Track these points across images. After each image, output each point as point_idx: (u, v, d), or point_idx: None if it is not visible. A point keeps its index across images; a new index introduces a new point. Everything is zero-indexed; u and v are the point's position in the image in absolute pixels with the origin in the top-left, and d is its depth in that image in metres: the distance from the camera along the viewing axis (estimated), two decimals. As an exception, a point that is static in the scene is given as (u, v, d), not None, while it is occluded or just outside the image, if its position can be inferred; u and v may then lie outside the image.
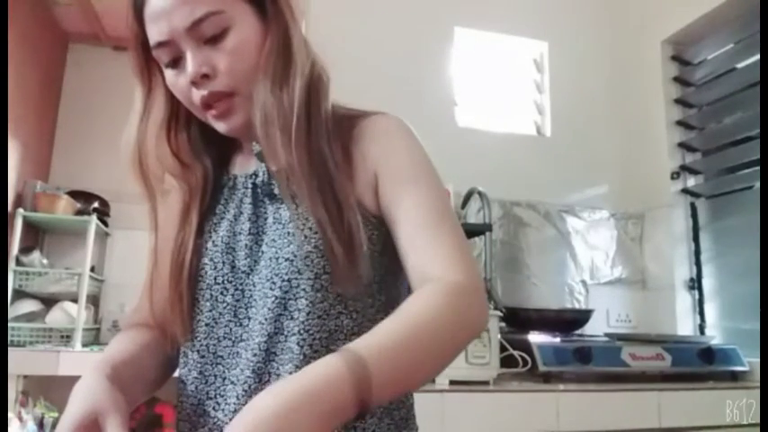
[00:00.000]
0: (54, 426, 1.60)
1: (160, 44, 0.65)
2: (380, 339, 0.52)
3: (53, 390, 1.69)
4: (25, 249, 1.68)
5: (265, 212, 0.69)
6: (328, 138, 0.67)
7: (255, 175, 0.71)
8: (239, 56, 0.65)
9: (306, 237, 0.64)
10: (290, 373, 0.61)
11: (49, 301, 1.70)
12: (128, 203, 1.91)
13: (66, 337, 1.64)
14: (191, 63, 0.64)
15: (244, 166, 0.75)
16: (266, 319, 0.63)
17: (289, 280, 0.63)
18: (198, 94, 0.65)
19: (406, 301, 0.58)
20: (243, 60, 0.65)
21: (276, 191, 0.68)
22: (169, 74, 0.67)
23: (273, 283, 0.64)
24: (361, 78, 1.92)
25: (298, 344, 0.62)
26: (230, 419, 0.62)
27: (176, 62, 0.66)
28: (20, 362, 1.51)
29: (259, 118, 0.65)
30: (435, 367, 0.57)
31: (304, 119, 0.65)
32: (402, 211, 0.65)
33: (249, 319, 0.66)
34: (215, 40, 0.64)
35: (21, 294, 1.68)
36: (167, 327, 0.70)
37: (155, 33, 0.64)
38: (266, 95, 0.65)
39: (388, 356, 0.51)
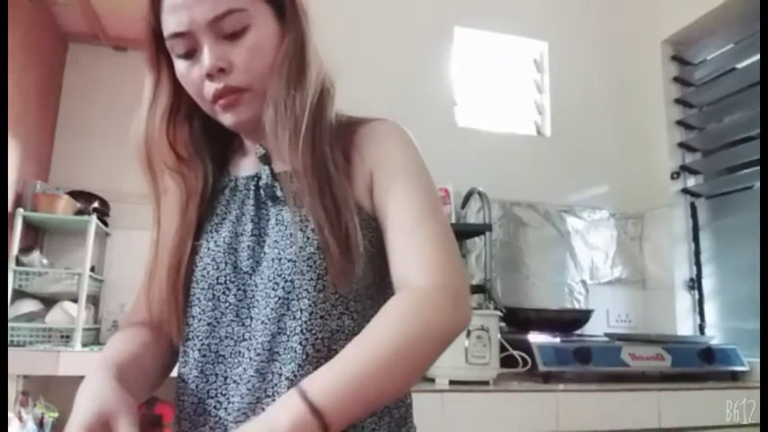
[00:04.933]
0: (54, 426, 1.60)
1: (177, 35, 0.65)
2: (337, 377, 0.53)
3: (53, 390, 1.69)
4: (25, 249, 1.68)
5: (268, 214, 0.69)
6: (331, 142, 0.68)
7: (258, 177, 0.71)
8: (257, 54, 0.66)
9: (308, 238, 0.64)
10: (293, 372, 0.62)
11: (49, 301, 1.69)
12: (128, 203, 1.90)
13: (66, 337, 1.64)
14: (208, 56, 0.64)
15: (245, 168, 0.75)
16: (269, 319, 0.64)
17: (291, 280, 0.64)
18: (211, 87, 0.66)
19: (375, 319, 0.58)
20: (260, 58, 0.66)
21: (279, 193, 0.69)
22: (181, 65, 0.67)
23: (276, 283, 0.64)
24: (361, 78, 1.92)
25: (300, 343, 0.62)
26: (234, 418, 0.63)
27: (190, 54, 0.66)
28: (20, 362, 1.51)
29: (270, 115, 0.66)
30: (404, 383, 0.58)
31: (312, 122, 0.66)
32: (389, 216, 0.66)
33: (251, 318, 0.66)
34: (234, 36, 0.65)
35: (21, 294, 1.67)
36: (164, 326, 0.70)
37: (172, 24, 0.65)
38: (280, 93, 0.66)
39: (345, 395, 0.52)
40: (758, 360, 1.75)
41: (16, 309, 1.64)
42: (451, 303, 0.60)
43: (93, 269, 1.80)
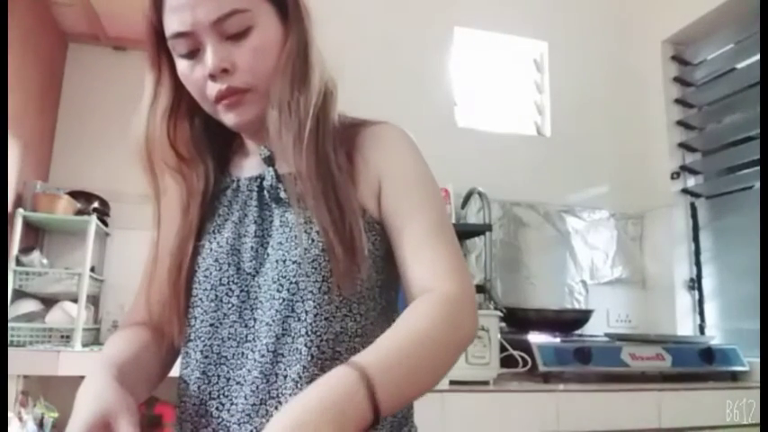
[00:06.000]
0: (54, 426, 1.60)
1: (179, 34, 0.65)
2: (386, 353, 0.55)
3: (53, 390, 1.69)
4: (25, 249, 1.68)
5: (271, 216, 0.69)
6: (334, 144, 0.68)
7: (262, 178, 0.71)
8: (260, 55, 0.66)
9: (313, 240, 0.64)
10: (298, 374, 0.62)
11: (49, 301, 1.69)
12: (128, 203, 1.90)
13: (65, 337, 1.64)
14: (212, 57, 0.64)
15: (247, 169, 0.75)
16: (273, 321, 0.64)
17: (296, 282, 0.64)
18: (214, 88, 0.65)
19: (407, 313, 0.60)
20: (263, 59, 0.66)
21: (283, 195, 0.68)
22: (183, 65, 0.67)
23: (281, 285, 0.64)
24: (362, 78, 1.92)
25: (305, 345, 0.63)
26: (237, 420, 0.63)
27: (192, 54, 0.66)
28: (20, 362, 1.50)
29: (274, 116, 0.66)
30: (434, 376, 0.59)
31: (315, 125, 0.66)
32: (403, 223, 0.66)
33: (255, 320, 0.66)
34: (237, 37, 0.65)
35: (21, 294, 1.67)
36: (164, 326, 0.70)
37: (175, 23, 0.64)
38: (284, 95, 0.66)
39: (393, 369, 0.53)
40: (758, 360, 1.75)
41: (16, 309, 1.64)
42: (471, 308, 0.63)
43: (93, 269, 1.80)
